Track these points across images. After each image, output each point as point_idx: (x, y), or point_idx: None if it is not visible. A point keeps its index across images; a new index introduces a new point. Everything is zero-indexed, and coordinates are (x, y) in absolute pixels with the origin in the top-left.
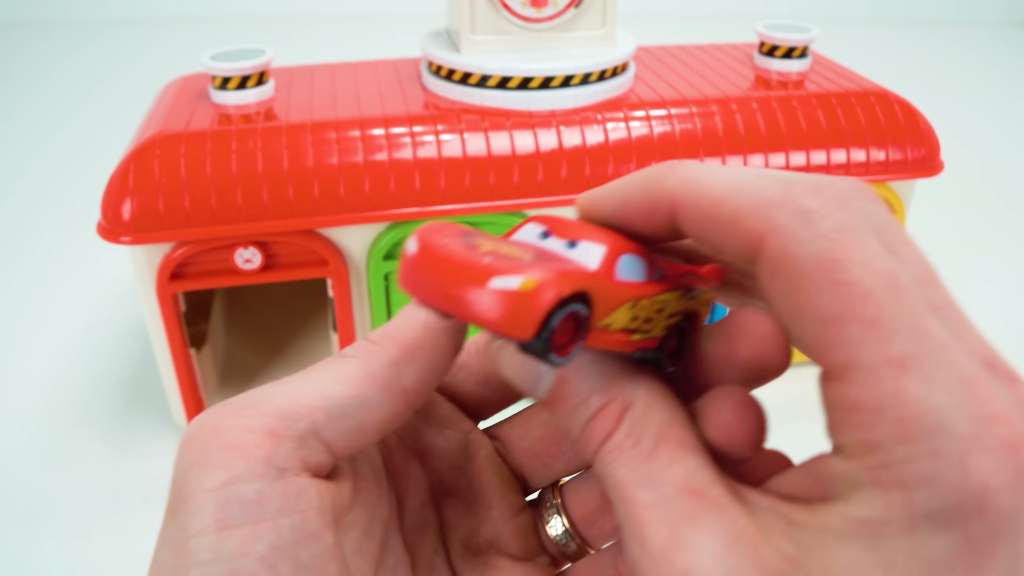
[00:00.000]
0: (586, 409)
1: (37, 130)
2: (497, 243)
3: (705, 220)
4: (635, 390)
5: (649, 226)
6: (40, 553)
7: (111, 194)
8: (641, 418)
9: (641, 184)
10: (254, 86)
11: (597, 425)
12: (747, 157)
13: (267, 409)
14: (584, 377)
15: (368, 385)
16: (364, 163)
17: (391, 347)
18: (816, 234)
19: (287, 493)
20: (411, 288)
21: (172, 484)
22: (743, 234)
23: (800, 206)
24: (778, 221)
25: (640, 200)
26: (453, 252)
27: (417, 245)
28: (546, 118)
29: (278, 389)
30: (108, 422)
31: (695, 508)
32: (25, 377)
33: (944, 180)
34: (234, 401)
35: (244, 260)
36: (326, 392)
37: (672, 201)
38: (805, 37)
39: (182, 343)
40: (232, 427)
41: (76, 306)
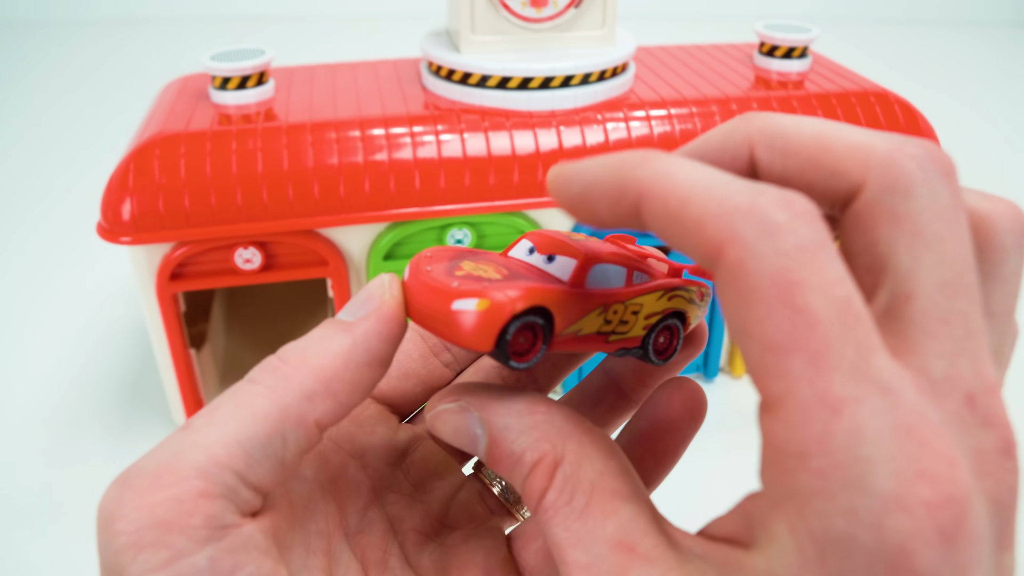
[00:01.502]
0: (521, 468)
1: (37, 130)
2: (480, 263)
3: (668, 218)
4: (565, 443)
5: (613, 213)
6: (40, 553)
7: (111, 194)
8: (572, 473)
9: (614, 168)
10: (254, 86)
11: (532, 483)
12: None
13: (187, 472)
14: (515, 436)
15: (281, 422)
16: (364, 163)
17: (306, 376)
18: (776, 250)
19: (236, 547)
20: (407, 312)
21: (104, 571)
22: (703, 239)
23: (765, 217)
24: (740, 231)
25: (608, 184)
26: (431, 277)
27: (408, 272)
28: (546, 118)
29: (190, 443)
30: (108, 422)
31: (626, 564)
32: (25, 377)
33: None
34: (146, 469)
35: (244, 260)
36: (240, 436)
37: (639, 192)
38: (805, 37)
39: (182, 343)
40: (159, 502)
41: (76, 306)
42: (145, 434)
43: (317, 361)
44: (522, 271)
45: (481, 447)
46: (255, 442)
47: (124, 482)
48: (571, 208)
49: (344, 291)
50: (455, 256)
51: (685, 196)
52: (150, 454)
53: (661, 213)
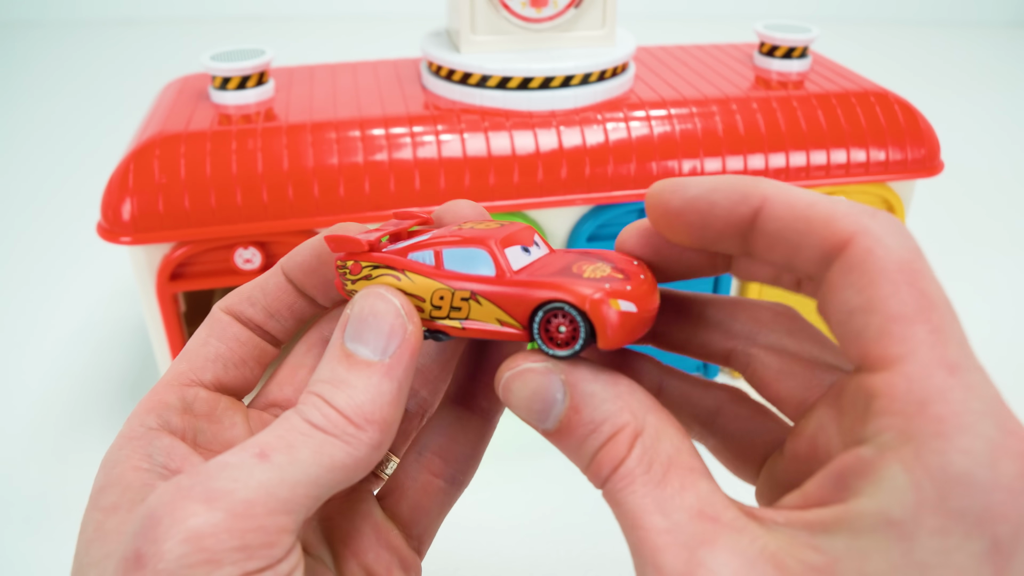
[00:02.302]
0: (597, 437)
1: (37, 130)
2: (579, 269)
3: (795, 218)
4: (646, 416)
5: (727, 215)
6: (40, 553)
7: (111, 194)
8: (652, 445)
9: (734, 178)
10: (254, 86)
11: (609, 452)
12: (747, 157)
13: (275, 506)
14: (599, 403)
15: (354, 473)
16: (364, 163)
17: (375, 433)
18: (902, 244)
19: (291, 567)
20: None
21: (154, 562)
22: (833, 231)
23: (891, 220)
24: (870, 226)
25: (731, 189)
26: (641, 287)
27: (634, 304)
28: (546, 118)
29: (277, 479)
30: (108, 422)
31: (711, 532)
32: (25, 377)
33: (944, 180)
34: (235, 492)
35: (244, 260)
36: (320, 481)
37: (764, 197)
38: (805, 37)
39: (182, 343)
40: (248, 529)
41: (76, 306)
42: None
43: (378, 414)
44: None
45: (556, 413)
46: (329, 487)
47: (209, 500)
48: (678, 213)
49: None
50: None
51: (812, 200)
52: (232, 477)
53: (785, 213)
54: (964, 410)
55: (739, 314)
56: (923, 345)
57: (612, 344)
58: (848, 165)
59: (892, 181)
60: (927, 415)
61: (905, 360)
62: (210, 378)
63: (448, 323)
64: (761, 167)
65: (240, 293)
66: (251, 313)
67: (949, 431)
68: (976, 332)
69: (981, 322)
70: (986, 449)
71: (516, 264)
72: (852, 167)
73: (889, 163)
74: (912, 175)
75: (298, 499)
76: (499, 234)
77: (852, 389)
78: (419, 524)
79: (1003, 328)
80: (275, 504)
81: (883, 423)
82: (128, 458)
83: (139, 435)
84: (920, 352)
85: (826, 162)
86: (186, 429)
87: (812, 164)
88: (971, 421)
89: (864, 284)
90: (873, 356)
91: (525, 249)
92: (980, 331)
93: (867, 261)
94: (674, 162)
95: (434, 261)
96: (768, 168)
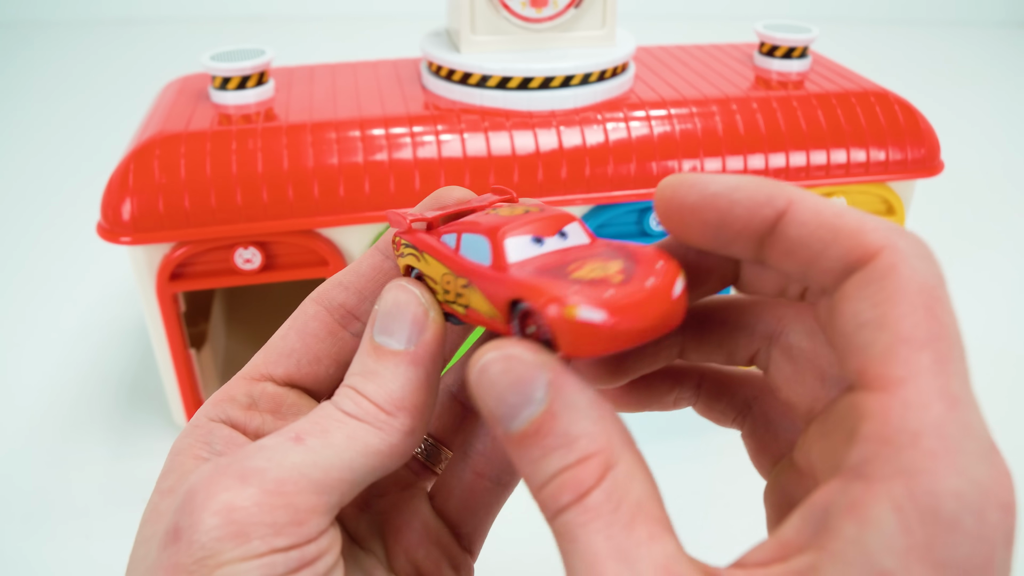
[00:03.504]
0: (567, 454)
1: (37, 130)
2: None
3: (819, 224)
4: (623, 450)
5: (748, 217)
6: (40, 553)
7: (111, 194)
8: (623, 483)
9: (758, 179)
10: (254, 86)
11: (576, 476)
12: (747, 157)
13: (307, 486)
14: (577, 418)
15: (389, 459)
16: (364, 163)
17: (406, 419)
18: (927, 268)
19: (321, 548)
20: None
21: (192, 548)
22: (860, 242)
23: (920, 242)
24: (899, 243)
25: (755, 190)
26: (629, 291)
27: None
28: (546, 118)
29: (311, 460)
30: (108, 422)
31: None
32: (25, 377)
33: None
34: (268, 473)
35: (244, 260)
36: (354, 465)
37: (789, 200)
38: (805, 37)
39: (182, 343)
40: (277, 506)
41: (76, 306)
42: (145, 434)
43: (409, 401)
44: (589, 253)
45: (530, 413)
46: (363, 472)
47: (243, 477)
48: (694, 209)
49: None
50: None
51: (840, 210)
52: (267, 457)
53: (811, 219)
54: (959, 449)
55: (764, 314)
56: (926, 372)
57: (572, 352)
58: (848, 165)
59: (892, 181)
60: (921, 448)
61: (905, 384)
62: (281, 373)
63: (456, 308)
64: (761, 167)
65: (331, 279)
66: (343, 298)
67: (942, 471)
68: (976, 332)
69: (981, 322)
70: (976, 495)
71: (520, 255)
72: (852, 167)
73: (889, 163)
74: (912, 175)
75: (331, 482)
76: (512, 222)
77: (842, 408)
78: (467, 523)
79: (1003, 328)
80: (306, 484)
81: (871, 450)
82: (190, 447)
83: (202, 424)
84: (922, 379)
85: (826, 162)
86: (248, 422)
87: (812, 164)
88: (965, 463)
89: (881, 299)
90: (872, 374)
91: (537, 240)
92: (980, 331)
93: (889, 277)
94: (674, 162)
95: (455, 245)
96: (768, 168)
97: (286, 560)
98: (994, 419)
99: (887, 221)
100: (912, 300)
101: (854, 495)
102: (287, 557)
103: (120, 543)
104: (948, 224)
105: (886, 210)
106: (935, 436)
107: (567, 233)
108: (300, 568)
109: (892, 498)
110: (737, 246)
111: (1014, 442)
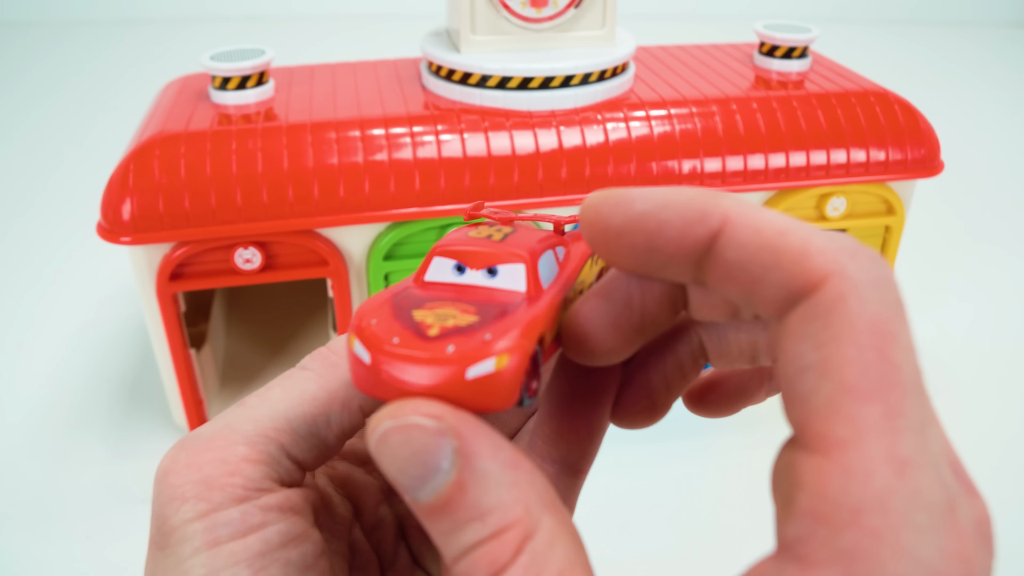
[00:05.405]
0: (479, 529)
1: (37, 130)
2: (431, 307)
3: (759, 246)
4: (541, 515)
5: (679, 238)
6: (40, 553)
7: (111, 194)
8: (543, 552)
9: (691, 192)
10: (254, 86)
11: (490, 553)
12: (747, 157)
13: (236, 438)
14: (488, 488)
15: (329, 404)
16: (364, 163)
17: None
18: (881, 299)
19: (269, 506)
20: (373, 392)
21: (153, 519)
22: (804, 268)
23: (873, 265)
24: (849, 269)
25: (685, 206)
26: (409, 348)
27: (369, 354)
28: (546, 118)
29: (244, 415)
30: (108, 422)
31: None
32: (25, 377)
33: (944, 180)
34: (202, 434)
35: (244, 260)
36: (289, 414)
37: (725, 217)
38: (805, 37)
39: (182, 343)
40: (206, 461)
41: (76, 306)
42: (145, 434)
43: None
44: (482, 299)
45: (436, 485)
46: (302, 420)
47: (182, 444)
48: (619, 232)
49: (344, 291)
50: (393, 305)
51: (783, 228)
52: (209, 423)
53: (749, 240)
54: (904, 525)
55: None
56: (872, 431)
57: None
58: (848, 165)
59: (892, 181)
60: (861, 528)
61: (847, 447)
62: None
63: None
64: (761, 167)
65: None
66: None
67: (885, 554)
68: (976, 332)
69: (981, 322)
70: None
71: (436, 276)
72: (852, 167)
73: (889, 163)
74: (912, 175)
75: (264, 431)
76: (457, 244)
77: (782, 465)
78: None
79: (1003, 327)
80: (238, 437)
81: (806, 527)
82: None
83: None
84: (866, 440)
85: (826, 162)
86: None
87: (812, 164)
88: (911, 542)
89: (825, 339)
90: (812, 432)
91: (459, 268)
92: (979, 331)
93: (835, 312)
94: (674, 162)
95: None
96: (768, 168)
97: (228, 520)
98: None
99: (838, 238)
100: (860, 340)
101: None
102: (228, 517)
103: (120, 543)
104: (948, 224)
105: (886, 210)
106: (878, 512)
107: (498, 272)
108: (246, 533)
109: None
110: (671, 271)
111: (1016, 441)
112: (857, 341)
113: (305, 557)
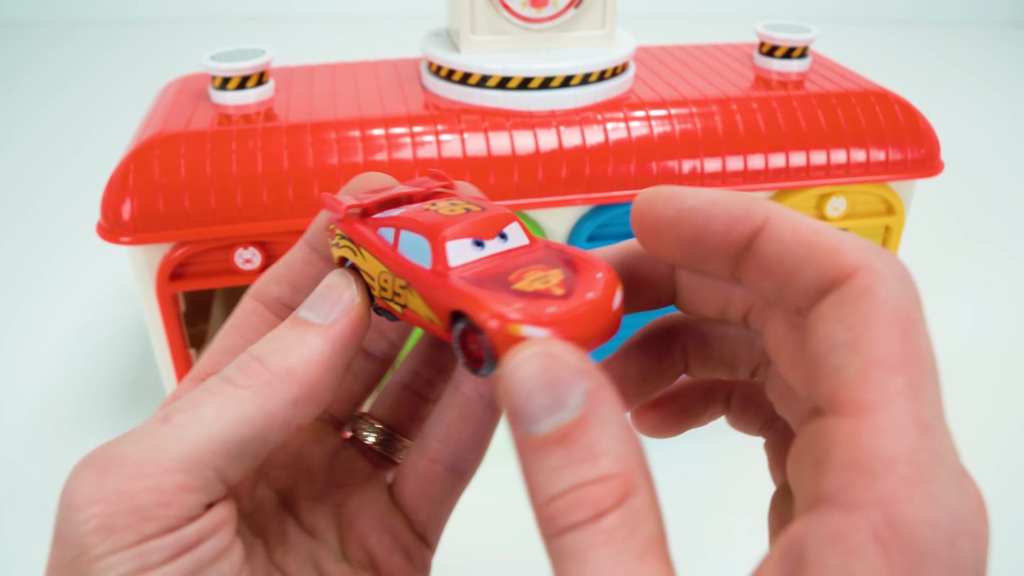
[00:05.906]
0: (589, 469)
1: (37, 130)
2: (515, 279)
3: (797, 242)
4: (643, 482)
5: (724, 232)
6: (40, 553)
7: (111, 194)
8: (641, 513)
9: (736, 194)
10: (254, 86)
11: (594, 494)
12: (747, 157)
13: (170, 464)
14: (607, 433)
15: (267, 426)
16: (364, 163)
17: (291, 386)
18: (904, 291)
19: (204, 529)
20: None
21: (65, 546)
22: (836, 261)
23: (898, 263)
24: (876, 264)
25: (732, 204)
26: (563, 306)
27: (542, 329)
28: (546, 118)
29: (173, 437)
30: (108, 422)
31: None
32: (25, 377)
33: (944, 180)
34: (129, 457)
35: (244, 260)
36: (225, 436)
37: (767, 216)
38: (805, 37)
39: (182, 343)
40: (139, 490)
41: (76, 306)
42: None
43: (301, 369)
44: (528, 258)
45: (558, 418)
46: (238, 443)
47: (104, 467)
48: (670, 224)
49: None
50: (500, 293)
51: (817, 228)
52: (131, 441)
53: (788, 236)
54: (932, 476)
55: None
56: (899, 398)
57: None
58: (848, 165)
59: (892, 181)
60: (897, 475)
61: (877, 409)
62: None
63: (392, 306)
64: (761, 167)
65: (266, 274)
66: (277, 292)
67: (919, 499)
68: (976, 332)
69: (981, 322)
70: (950, 524)
71: (460, 259)
72: (852, 167)
73: (889, 163)
74: (912, 175)
75: (199, 456)
76: (454, 223)
77: (810, 434)
78: (421, 511)
79: (1003, 328)
80: (170, 463)
81: (845, 478)
82: None
83: None
84: (895, 404)
85: (826, 162)
86: None
87: (812, 164)
88: (939, 490)
89: (855, 321)
90: (843, 399)
91: (478, 243)
92: (979, 331)
93: (864, 298)
94: (674, 162)
95: (392, 241)
96: (768, 168)
97: (161, 547)
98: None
99: (865, 240)
100: (887, 322)
101: (832, 525)
102: (161, 543)
103: None
104: (948, 224)
105: (886, 210)
106: (909, 463)
107: (507, 235)
108: (179, 554)
109: (872, 527)
110: (712, 263)
111: (1016, 441)
112: (884, 322)
113: (234, 566)
